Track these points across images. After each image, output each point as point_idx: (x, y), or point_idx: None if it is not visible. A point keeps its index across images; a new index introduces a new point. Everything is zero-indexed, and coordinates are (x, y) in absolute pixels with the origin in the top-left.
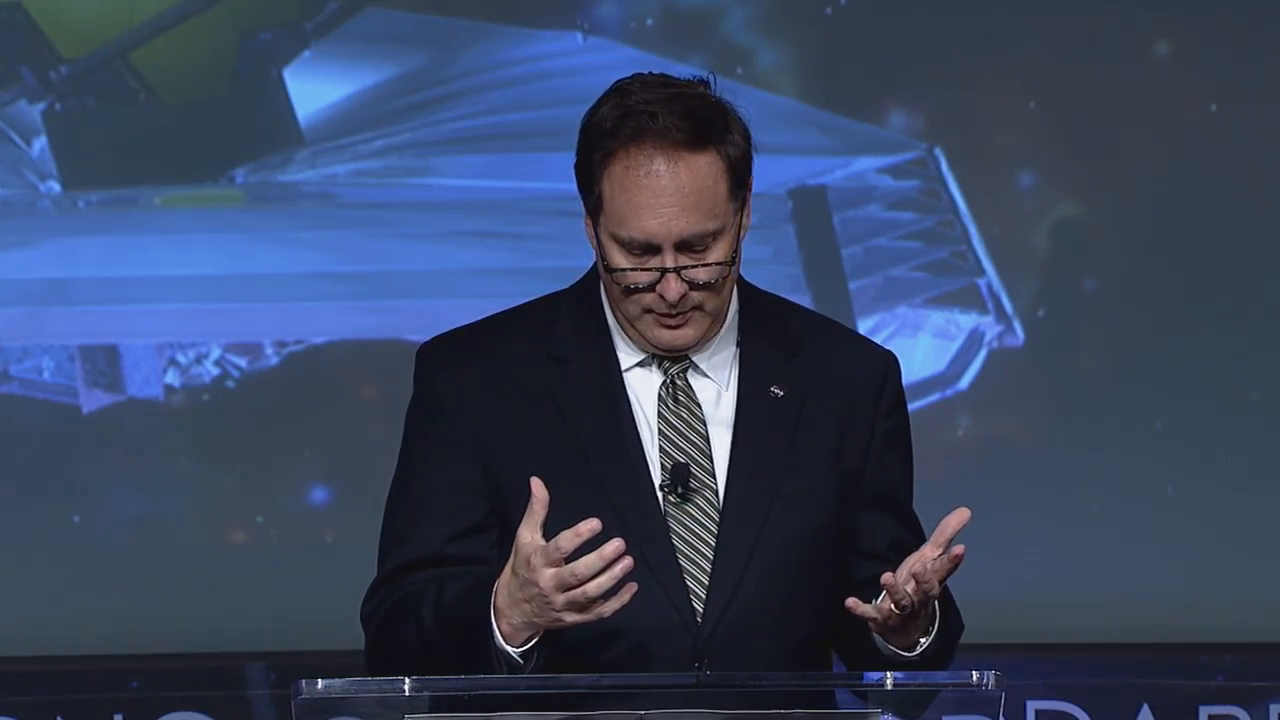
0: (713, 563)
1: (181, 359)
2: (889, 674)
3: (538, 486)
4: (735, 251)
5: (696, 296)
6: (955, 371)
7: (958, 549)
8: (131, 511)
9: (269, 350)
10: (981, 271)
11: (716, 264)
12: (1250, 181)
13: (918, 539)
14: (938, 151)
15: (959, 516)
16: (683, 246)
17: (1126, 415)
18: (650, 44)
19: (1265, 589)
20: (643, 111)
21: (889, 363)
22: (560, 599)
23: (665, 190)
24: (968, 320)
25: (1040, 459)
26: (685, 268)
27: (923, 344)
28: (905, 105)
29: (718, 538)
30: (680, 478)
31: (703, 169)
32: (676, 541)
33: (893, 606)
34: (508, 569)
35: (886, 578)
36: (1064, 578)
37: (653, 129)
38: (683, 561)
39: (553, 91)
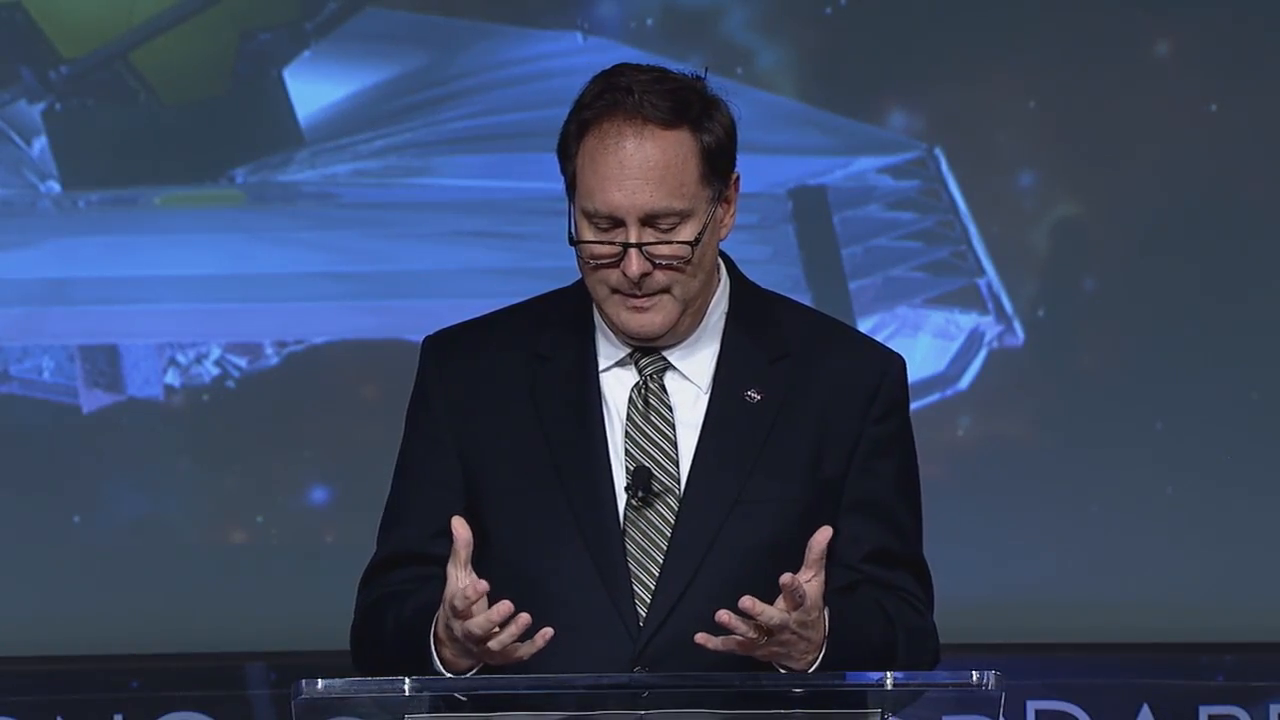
0: (661, 568)
1: (181, 359)
2: (889, 674)
3: (459, 526)
4: (704, 235)
5: (662, 278)
6: (955, 371)
7: (784, 578)
8: (131, 511)
9: (269, 350)
10: (981, 271)
11: (680, 243)
12: (1250, 181)
13: (910, 548)
14: (938, 151)
15: (820, 534)
16: (648, 223)
17: (1126, 415)
18: (650, 44)
19: (1265, 589)
20: (622, 88)
21: (887, 366)
22: (473, 648)
23: (631, 163)
24: (968, 320)
25: (1040, 459)
26: (648, 244)
27: (923, 344)
28: (905, 105)
29: (670, 542)
30: (641, 481)
31: (671, 146)
32: (631, 546)
33: (747, 634)
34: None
35: (720, 615)
36: (1064, 578)
37: (627, 103)
38: (633, 566)
39: (553, 91)
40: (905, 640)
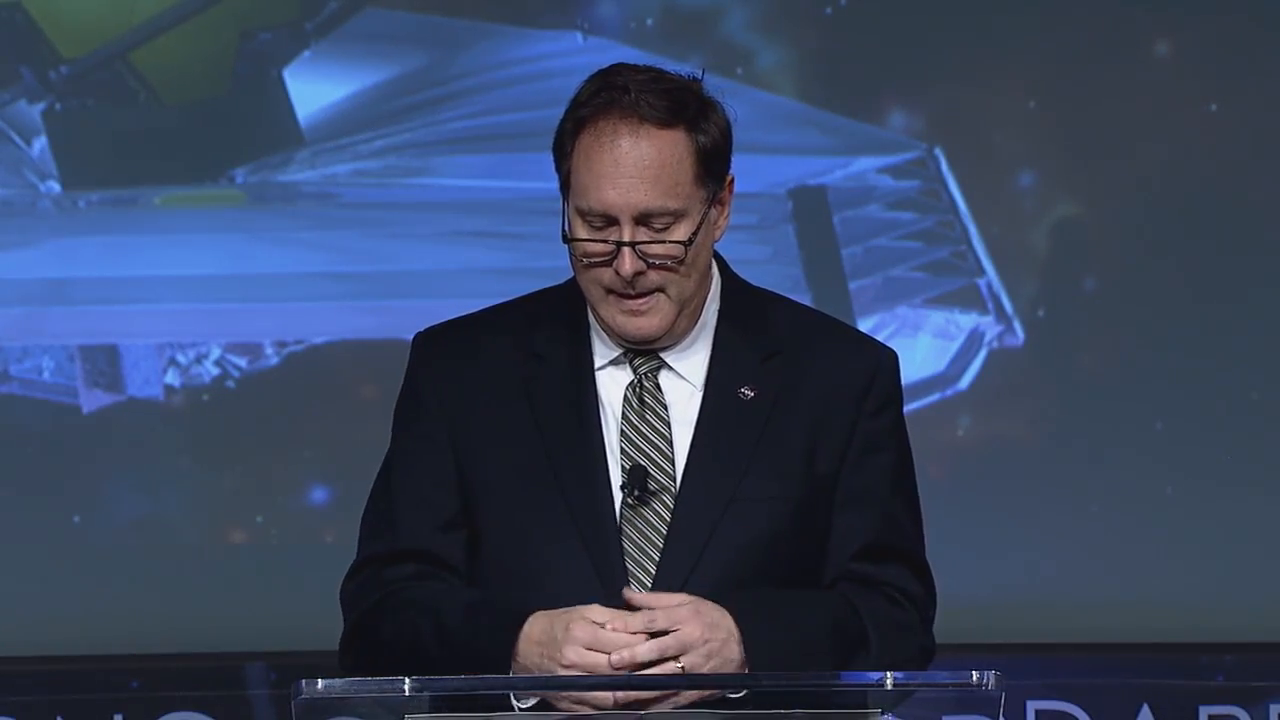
0: (658, 566)
1: (181, 359)
2: (889, 674)
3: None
4: (697, 235)
5: (655, 278)
6: (955, 371)
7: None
8: (131, 511)
9: (269, 350)
10: (981, 271)
11: (674, 242)
12: (1250, 181)
13: (904, 542)
14: (938, 151)
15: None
16: (642, 222)
17: (1126, 415)
18: (650, 44)
19: (1265, 589)
20: (619, 87)
21: (880, 361)
22: (580, 656)
23: (626, 161)
24: (968, 320)
25: (1040, 459)
26: (641, 242)
27: (923, 344)
28: (905, 105)
29: (666, 540)
30: (637, 480)
31: (667, 145)
32: (628, 545)
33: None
34: (546, 620)
35: (631, 652)
36: (1064, 578)
37: (623, 102)
38: (630, 565)
39: (553, 91)
40: (877, 634)
